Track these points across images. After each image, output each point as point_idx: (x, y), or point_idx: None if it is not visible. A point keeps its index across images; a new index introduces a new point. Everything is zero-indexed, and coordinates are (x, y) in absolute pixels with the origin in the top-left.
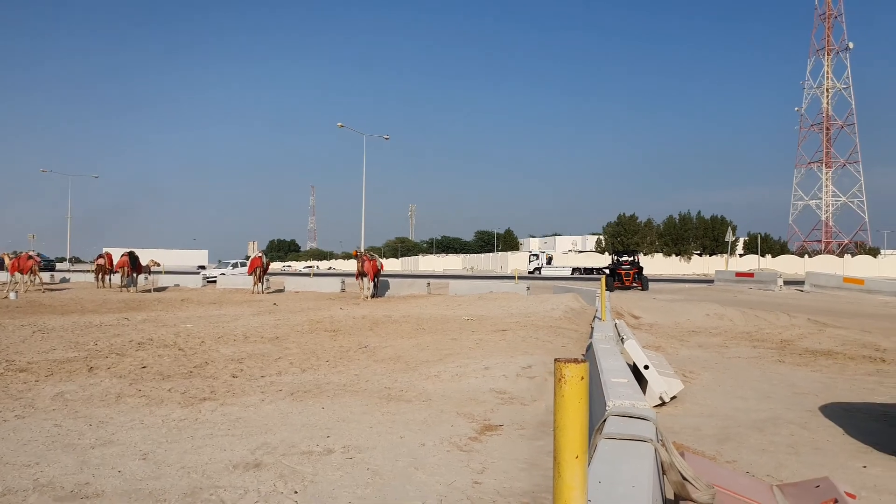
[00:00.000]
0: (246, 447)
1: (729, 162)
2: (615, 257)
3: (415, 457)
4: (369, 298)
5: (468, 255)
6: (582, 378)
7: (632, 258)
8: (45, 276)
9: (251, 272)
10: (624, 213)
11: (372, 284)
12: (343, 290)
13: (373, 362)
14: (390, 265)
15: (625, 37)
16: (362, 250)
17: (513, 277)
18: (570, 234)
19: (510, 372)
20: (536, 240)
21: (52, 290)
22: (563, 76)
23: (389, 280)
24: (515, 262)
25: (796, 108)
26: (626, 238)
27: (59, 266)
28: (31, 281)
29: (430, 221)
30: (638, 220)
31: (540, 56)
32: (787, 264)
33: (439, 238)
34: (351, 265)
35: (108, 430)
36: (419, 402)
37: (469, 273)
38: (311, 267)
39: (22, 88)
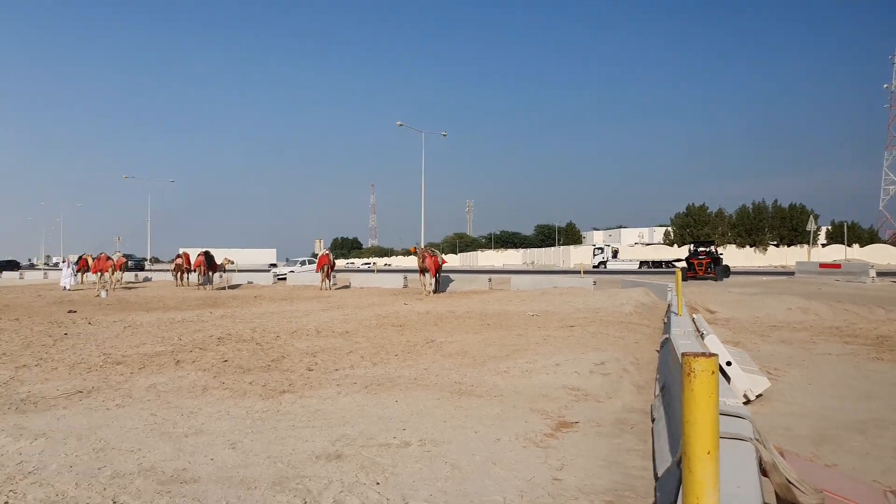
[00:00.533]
0: (326, 438)
1: (807, 145)
2: (692, 248)
3: (491, 452)
4: (431, 294)
5: (528, 250)
6: (713, 372)
7: (708, 249)
8: (130, 275)
9: (319, 269)
10: (693, 204)
11: (434, 280)
12: (406, 286)
13: (440, 357)
14: (449, 261)
15: (687, 17)
16: (422, 246)
17: (577, 272)
18: (636, 227)
19: (582, 368)
20: (600, 233)
21: (135, 288)
22: (624, 60)
23: (450, 276)
24: (578, 256)
25: (886, 86)
26: (695, 229)
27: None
28: (112, 280)
29: (489, 216)
30: (708, 211)
31: (599, 42)
32: (879, 254)
33: (498, 233)
34: (410, 261)
35: (199, 419)
36: (490, 398)
37: (530, 268)
38: (367, 264)
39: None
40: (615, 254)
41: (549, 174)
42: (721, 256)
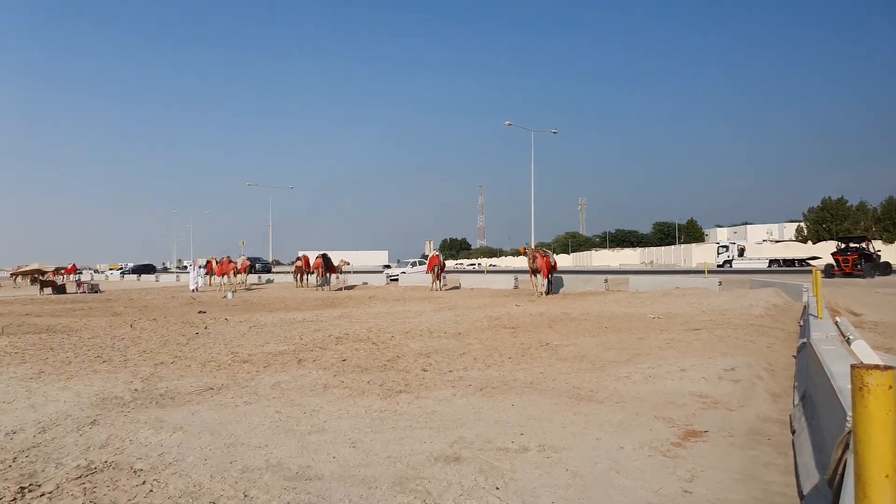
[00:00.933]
0: (444, 440)
1: None
2: (839, 244)
3: (614, 460)
4: (544, 295)
5: (646, 249)
6: (890, 387)
7: (858, 245)
8: (253, 277)
9: (429, 270)
10: (829, 197)
11: (546, 281)
12: (517, 287)
13: (556, 360)
14: (561, 261)
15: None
16: (532, 246)
17: (700, 272)
18: (764, 223)
19: (710, 374)
20: (724, 230)
21: (258, 289)
22: (747, 43)
23: (563, 276)
24: (701, 254)
25: None
26: (833, 224)
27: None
28: (235, 282)
29: (602, 214)
30: (848, 204)
31: (716, 32)
32: None
33: (613, 231)
34: (519, 262)
35: (320, 418)
36: (611, 404)
37: (648, 268)
38: (473, 264)
39: (231, 111)
40: (741, 252)
41: (666, 169)
42: (877, 253)
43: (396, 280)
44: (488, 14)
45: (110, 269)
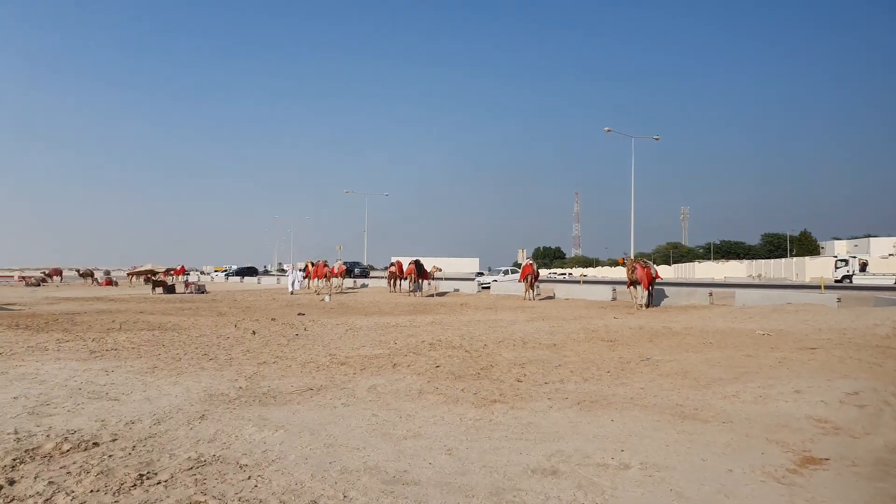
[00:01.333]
0: (541, 453)
1: None
2: None
3: (722, 483)
4: (644, 308)
5: (754, 262)
6: None
7: None
8: (349, 281)
9: (523, 279)
10: None
11: (646, 293)
12: (614, 299)
13: (657, 376)
14: (662, 272)
15: None
16: (631, 256)
17: (815, 286)
18: (890, 235)
19: (830, 398)
20: (842, 242)
21: (353, 293)
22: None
23: (664, 288)
24: (816, 268)
25: None
26: None
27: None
28: (330, 285)
29: (706, 224)
30: None
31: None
32: None
33: (717, 242)
34: (616, 273)
35: (416, 423)
36: (718, 424)
37: (757, 281)
38: (563, 274)
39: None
40: (863, 267)
41: (777, 177)
42: None
43: (488, 288)
44: (584, 20)
45: (215, 271)
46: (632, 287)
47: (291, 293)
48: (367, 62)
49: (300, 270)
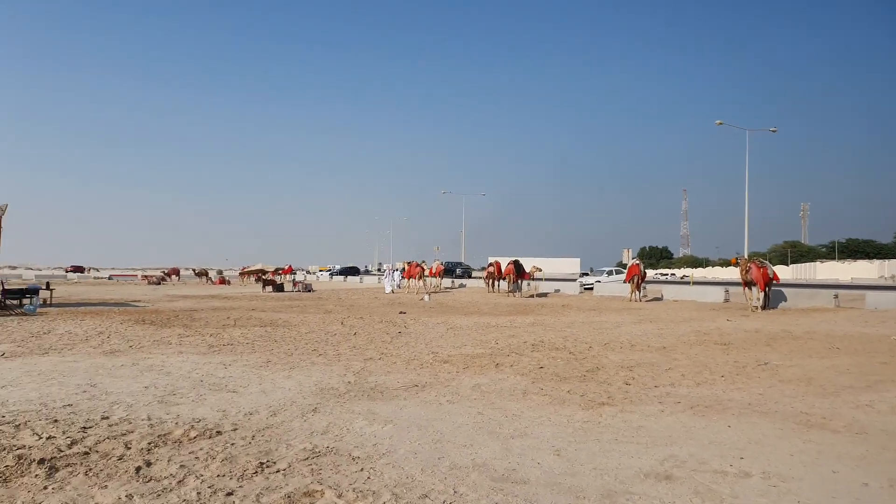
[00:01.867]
0: (653, 457)
1: None
2: None
3: (856, 497)
4: (759, 310)
5: (887, 262)
6: None
7: None
8: (447, 281)
9: (629, 279)
10: None
11: (763, 295)
12: (727, 301)
13: (777, 382)
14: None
15: None
16: (745, 256)
17: None
18: None
19: None
20: None
21: (450, 292)
22: None
23: (782, 290)
24: None
25: None
26: None
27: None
28: (425, 284)
29: (829, 222)
30: None
31: None
32: None
33: (843, 241)
34: (728, 273)
35: (522, 423)
36: (849, 434)
37: (890, 283)
38: (665, 274)
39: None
40: None
41: None
42: None
43: (591, 289)
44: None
45: (319, 271)
46: (746, 288)
47: (389, 293)
48: (465, 64)
49: (398, 271)
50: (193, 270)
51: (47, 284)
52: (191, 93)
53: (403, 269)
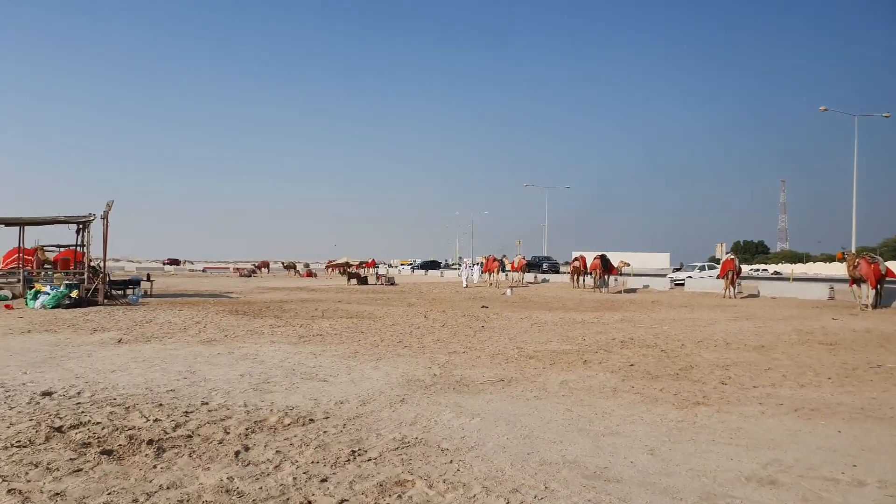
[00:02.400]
0: (755, 460)
1: None
2: None
3: None
4: (870, 308)
5: None
6: None
7: None
8: (529, 276)
9: (723, 275)
10: None
11: (874, 292)
12: (832, 298)
13: (892, 386)
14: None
15: None
16: (852, 251)
17: None
18: None
19: None
20: None
21: (533, 288)
22: None
23: None
24: None
25: None
26: None
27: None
28: (501, 279)
29: None
30: None
31: None
32: None
33: None
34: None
35: (612, 420)
36: None
37: None
38: (757, 270)
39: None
40: None
41: None
42: None
43: (682, 285)
44: None
45: (401, 264)
46: (854, 285)
47: (466, 286)
48: (550, 54)
49: (478, 265)
50: (282, 263)
51: (148, 276)
52: (282, 88)
53: (482, 263)
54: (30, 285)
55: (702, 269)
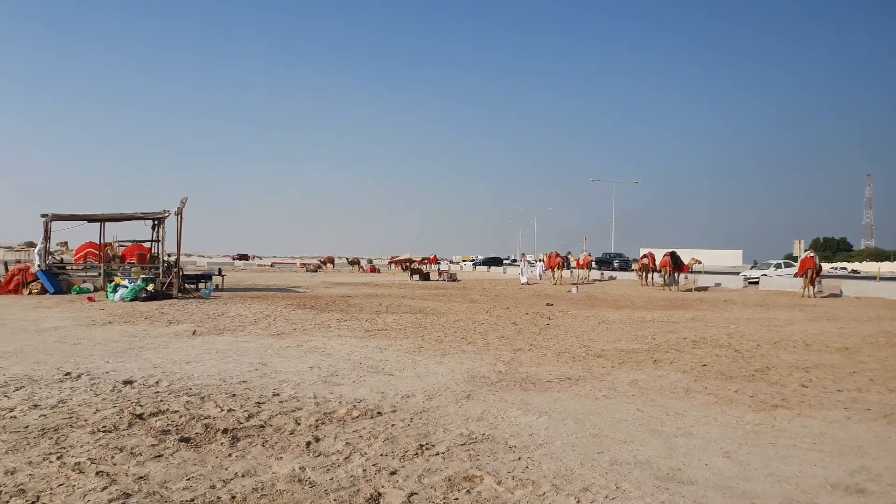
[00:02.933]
0: (840, 467)
1: None
2: None
3: None
4: None
5: None
6: None
7: None
8: (595, 273)
9: (801, 273)
10: None
11: None
12: None
13: None
14: None
15: None
16: None
17: None
18: None
19: None
20: None
21: (599, 285)
22: None
23: None
24: None
25: None
26: None
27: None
28: (559, 276)
29: None
30: None
31: None
32: None
33: None
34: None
35: (685, 421)
36: None
37: None
38: (835, 268)
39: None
40: None
41: None
42: None
43: (756, 283)
44: None
45: (463, 260)
46: None
47: (526, 283)
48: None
49: (541, 261)
50: (346, 259)
51: (219, 271)
52: (354, 88)
53: (543, 260)
54: (109, 279)
55: (777, 266)
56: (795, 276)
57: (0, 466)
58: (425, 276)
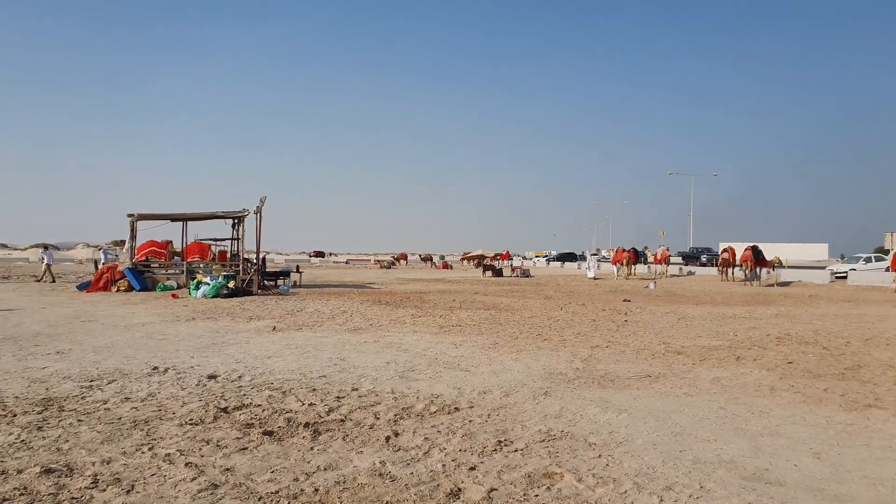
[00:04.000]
0: None
1: None
2: None
3: None
4: None
5: None
6: None
7: None
8: (674, 268)
9: (894, 268)
10: None
11: None
12: None
13: None
14: None
15: None
16: None
17: None
18: None
19: None
20: None
21: (678, 281)
22: None
23: None
24: None
25: None
26: None
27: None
28: (629, 271)
29: None
30: None
31: None
32: None
33: None
34: None
35: (771, 420)
36: None
37: None
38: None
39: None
40: None
41: None
42: None
43: (844, 278)
44: None
45: (535, 256)
46: None
47: (593, 278)
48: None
49: (605, 257)
50: (419, 255)
51: (297, 268)
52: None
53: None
54: (192, 276)
55: (867, 260)
56: (887, 270)
57: (97, 456)
58: (498, 273)
